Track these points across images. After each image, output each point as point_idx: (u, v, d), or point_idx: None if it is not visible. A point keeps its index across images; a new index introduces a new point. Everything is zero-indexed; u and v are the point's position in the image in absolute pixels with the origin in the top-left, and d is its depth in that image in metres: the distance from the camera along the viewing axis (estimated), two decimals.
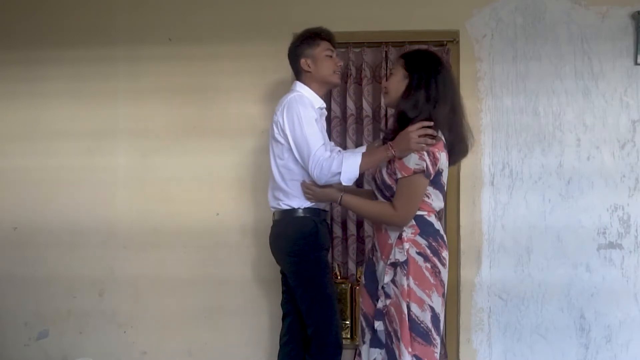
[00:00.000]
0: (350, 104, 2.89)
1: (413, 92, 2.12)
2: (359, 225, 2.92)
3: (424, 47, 2.85)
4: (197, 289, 3.01)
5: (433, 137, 2.06)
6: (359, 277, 2.75)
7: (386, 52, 2.88)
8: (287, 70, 2.94)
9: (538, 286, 2.90)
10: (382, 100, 2.76)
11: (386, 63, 2.87)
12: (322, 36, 2.42)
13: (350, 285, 2.72)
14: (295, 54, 2.43)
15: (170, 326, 3.02)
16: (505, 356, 2.91)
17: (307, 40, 2.41)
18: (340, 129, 2.92)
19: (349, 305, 2.68)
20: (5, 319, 3.09)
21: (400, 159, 2.11)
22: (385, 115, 2.84)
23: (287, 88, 2.92)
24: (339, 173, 2.17)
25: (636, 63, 2.87)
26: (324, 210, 2.40)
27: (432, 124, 2.06)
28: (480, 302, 2.92)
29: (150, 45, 3.03)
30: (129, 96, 3.05)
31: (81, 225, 3.05)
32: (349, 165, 2.16)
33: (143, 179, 3.03)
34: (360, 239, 2.92)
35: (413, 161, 2.07)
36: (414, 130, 2.05)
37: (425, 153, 2.06)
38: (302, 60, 2.40)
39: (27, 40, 3.09)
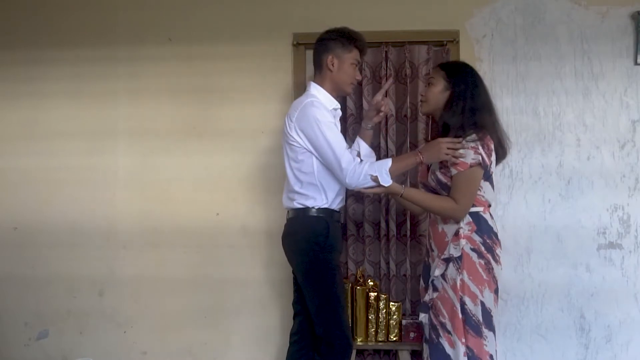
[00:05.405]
0: (350, 104, 2.89)
1: (456, 104, 2.23)
2: (359, 225, 2.92)
3: (424, 47, 2.88)
4: (197, 289, 3.01)
5: (460, 151, 2.18)
6: (359, 277, 2.76)
7: (386, 52, 2.88)
8: (287, 70, 2.96)
9: (538, 286, 2.90)
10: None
11: (386, 63, 2.87)
12: (357, 45, 2.39)
13: (350, 285, 2.72)
14: (325, 46, 2.38)
15: (170, 326, 3.02)
16: (505, 356, 2.90)
17: (343, 40, 2.37)
18: (340, 129, 2.91)
19: (349, 305, 2.68)
20: (5, 319, 3.09)
21: (426, 164, 2.26)
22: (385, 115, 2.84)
23: (287, 88, 2.95)
24: (373, 178, 2.21)
25: (636, 63, 2.87)
26: (337, 211, 2.41)
27: (461, 140, 2.17)
28: None
29: (150, 45, 3.03)
30: (129, 96, 3.04)
31: (81, 225, 3.05)
32: (382, 169, 2.21)
33: (143, 179, 3.03)
34: (361, 239, 2.92)
35: (469, 156, 2.17)
36: (445, 142, 2.17)
37: (479, 146, 2.17)
38: (329, 57, 2.36)
39: (27, 40, 3.09)
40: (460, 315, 2.18)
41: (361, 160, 2.31)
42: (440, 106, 2.28)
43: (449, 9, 2.93)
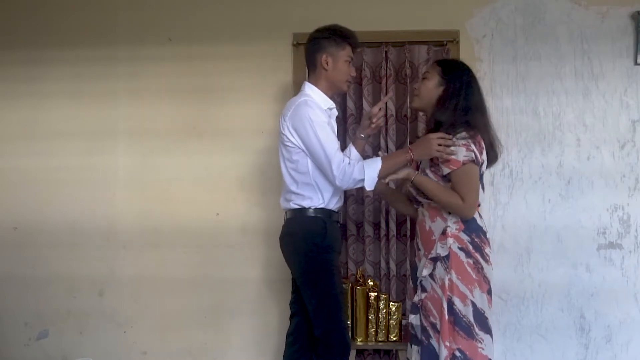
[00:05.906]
0: (350, 104, 2.90)
1: (448, 101, 2.21)
2: (359, 225, 2.92)
3: (425, 46, 2.88)
4: (197, 289, 3.01)
5: (450, 148, 2.15)
6: (359, 277, 2.76)
7: (386, 52, 2.88)
8: (287, 70, 2.96)
9: (538, 286, 2.90)
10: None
11: (386, 63, 2.87)
12: (350, 42, 2.38)
13: (350, 285, 2.72)
14: (318, 45, 2.36)
15: (170, 326, 3.02)
16: (505, 356, 2.90)
17: (336, 38, 2.36)
18: (340, 129, 2.91)
19: (349, 305, 2.68)
20: (5, 319, 3.09)
21: (416, 161, 2.24)
22: (385, 115, 2.83)
23: (287, 88, 2.94)
24: (362, 180, 2.21)
25: (636, 63, 2.87)
26: (335, 212, 2.40)
27: (451, 137, 2.15)
28: None
29: (150, 45, 3.03)
30: (129, 96, 3.04)
31: (81, 225, 3.05)
32: (371, 171, 2.21)
33: (143, 179, 3.03)
34: (361, 239, 2.92)
35: (461, 154, 2.14)
36: (435, 138, 2.15)
37: (471, 143, 2.14)
38: (323, 56, 2.34)
39: (27, 40, 3.09)
40: (447, 316, 2.13)
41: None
42: (433, 102, 2.25)
43: (449, 9, 2.93)
